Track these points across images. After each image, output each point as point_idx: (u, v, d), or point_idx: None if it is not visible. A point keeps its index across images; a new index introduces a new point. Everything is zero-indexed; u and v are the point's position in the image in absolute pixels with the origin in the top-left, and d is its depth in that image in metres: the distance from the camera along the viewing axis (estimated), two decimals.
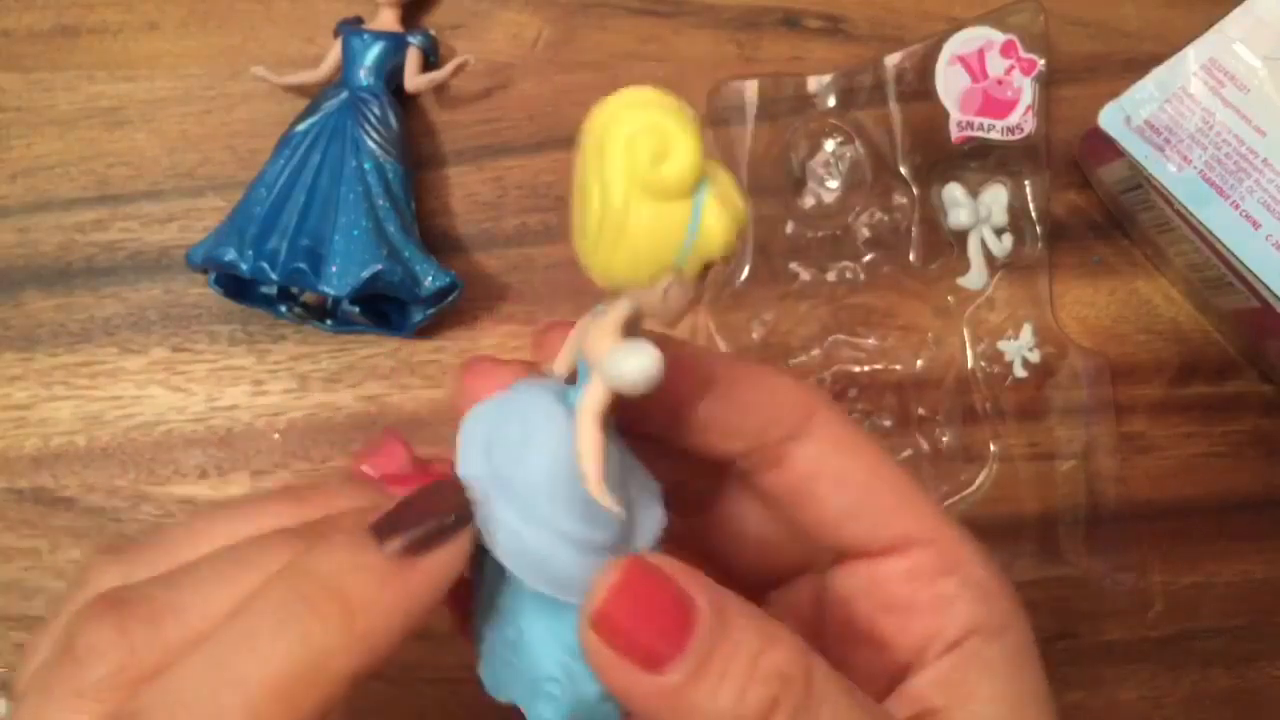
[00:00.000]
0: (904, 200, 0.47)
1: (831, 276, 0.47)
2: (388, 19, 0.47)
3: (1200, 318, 0.48)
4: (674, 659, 0.23)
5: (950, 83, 0.45)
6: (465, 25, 0.49)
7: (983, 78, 0.45)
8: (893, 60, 0.47)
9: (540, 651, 0.26)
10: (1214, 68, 0.43)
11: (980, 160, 0.47)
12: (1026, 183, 0.47)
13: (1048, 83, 0.47)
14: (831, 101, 0.48)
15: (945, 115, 0.46)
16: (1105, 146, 0.44)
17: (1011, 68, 0.45)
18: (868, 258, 0.47)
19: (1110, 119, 0.44)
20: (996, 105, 0.45)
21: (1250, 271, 0.41)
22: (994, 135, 0.46)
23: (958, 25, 0.46)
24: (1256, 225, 0.41)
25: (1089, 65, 0.50)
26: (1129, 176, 0.45)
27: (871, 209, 0.47)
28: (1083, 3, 0.50)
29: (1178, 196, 0.43)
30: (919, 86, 0.47)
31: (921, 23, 0.50)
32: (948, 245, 0.47)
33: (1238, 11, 0.43)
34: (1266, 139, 0.42)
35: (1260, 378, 0.48)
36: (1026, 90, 0.45)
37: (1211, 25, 0.44)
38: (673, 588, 0.23)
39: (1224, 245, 0.42)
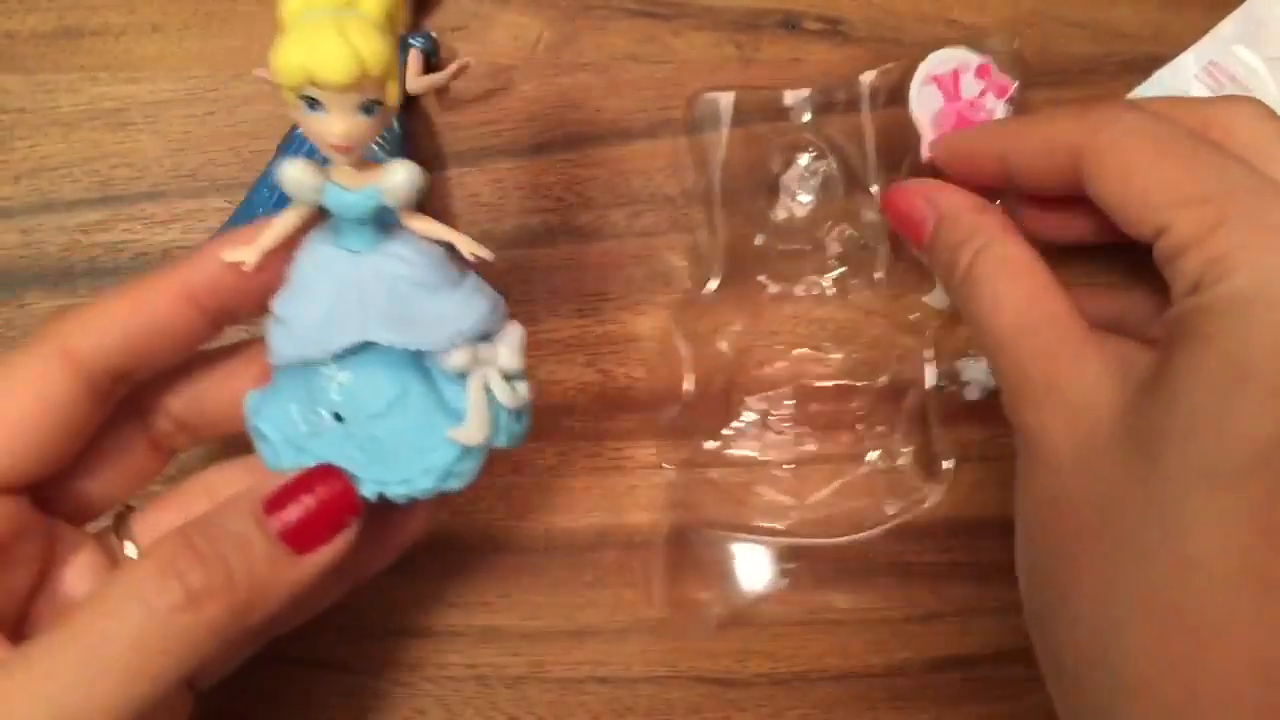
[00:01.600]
0: (875, 217, 0.46)
1: (800, 290, 0.46)
2: None
3: None
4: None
5: (925, 102, 0.44)
6: (466, 27, 0.48)
7: (957, 99, 0.44)
8: (868, 78, 0.46)
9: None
10: (1215, 70, 0.42)
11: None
12: (997, 203, 0.46)
13: (1047, 84, 0.47)
14: (807, 116, 0.46)
15: (918, 135, 0.44)
16: None
17: (985, 90, 0.44)
18: (836, 273, 0.46)
19: None
20: (969, 127, 0.44)
21: None
22: None
23: (960, 29, 0.45)
24: None
25: (1086, 67, 0.48)
26: None
27: (842, 225, 0.46)
28: (1079, 4, 0.49)
29: None
30: (894, 105, 0.45)
31: (920, 25, 0.48)
32: (916, 263, 0.46)
33: (1237, 13, 0.42)
34: None
35: None
36: (999, 113, 0.44)
37: (1209, 27, 0.43)
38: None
39: None
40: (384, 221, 0.31)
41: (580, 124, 0.48)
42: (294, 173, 0.30)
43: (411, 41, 0.46)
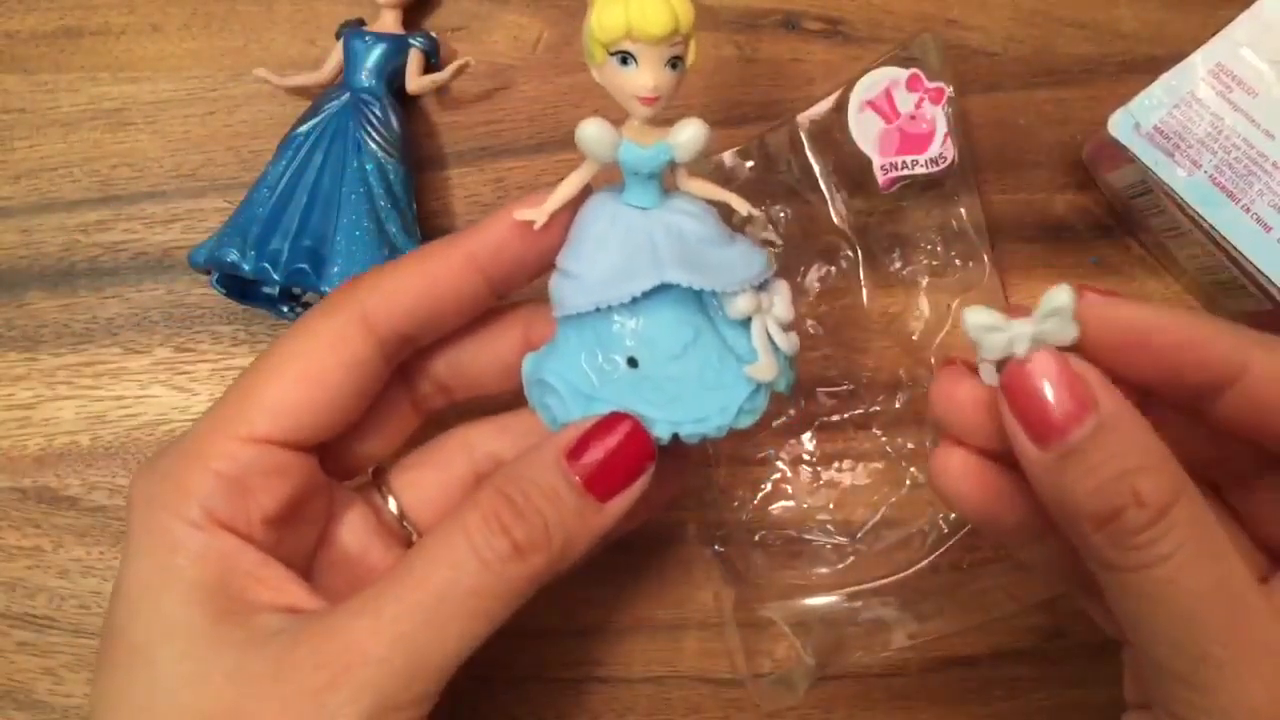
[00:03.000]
0: (848, 250, 0.45)
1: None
2: (389, 21, 0.45)
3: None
4: (1053, 443, 0.25)
5: (865, 129, 0.43)
6: (466, 27, 0.47)
7: (895, 117, 0.43)
8: (805, 118, 0.44)
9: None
10: (1221, 72, 0.41)
11: (912, 196, 0.45)
12: (962, 209, 0.45)
13: (1047, 84, 0.45)
14: (749, 169, 0.45)
15: (868, 162, 0.43)
16: (1114, 152, 0.42)
17: (921, 100, 0.43)
18: (822, 313, 0.45)
19: (1119, 125, 0.41)
20: (914, 141, 0.43)
21: (1262, 274, 0.39)
22: (919, 171, 0.43)
23: (958, 29, 0.44)
24: (1267, 228, 0.39)
25: (1086, 67, 0.47)
26: (1138, 182, 0.42)
27: (817, 263, 0.45)
28: (1079, 5, 0.48)
29: (1188, 201, 0.40)
30: (836, 138, 0.44)
31: (920, 25, 0.47)
32: (899, 283, 0.45)
33: (1244, 16, 0.41)
34: (1276, 142, 0.39)
35: None
36: (940, 119, 0.42)
37: (1209, 27, 0.42)
38: (1080, 385, 0.25)
39: (1235, 248, 0.39)
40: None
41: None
42: (592, 130, 0.30)
43: (411, 41, 0.44)
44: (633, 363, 0.32)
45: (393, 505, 0.36)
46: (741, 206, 0.33)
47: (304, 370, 0.32)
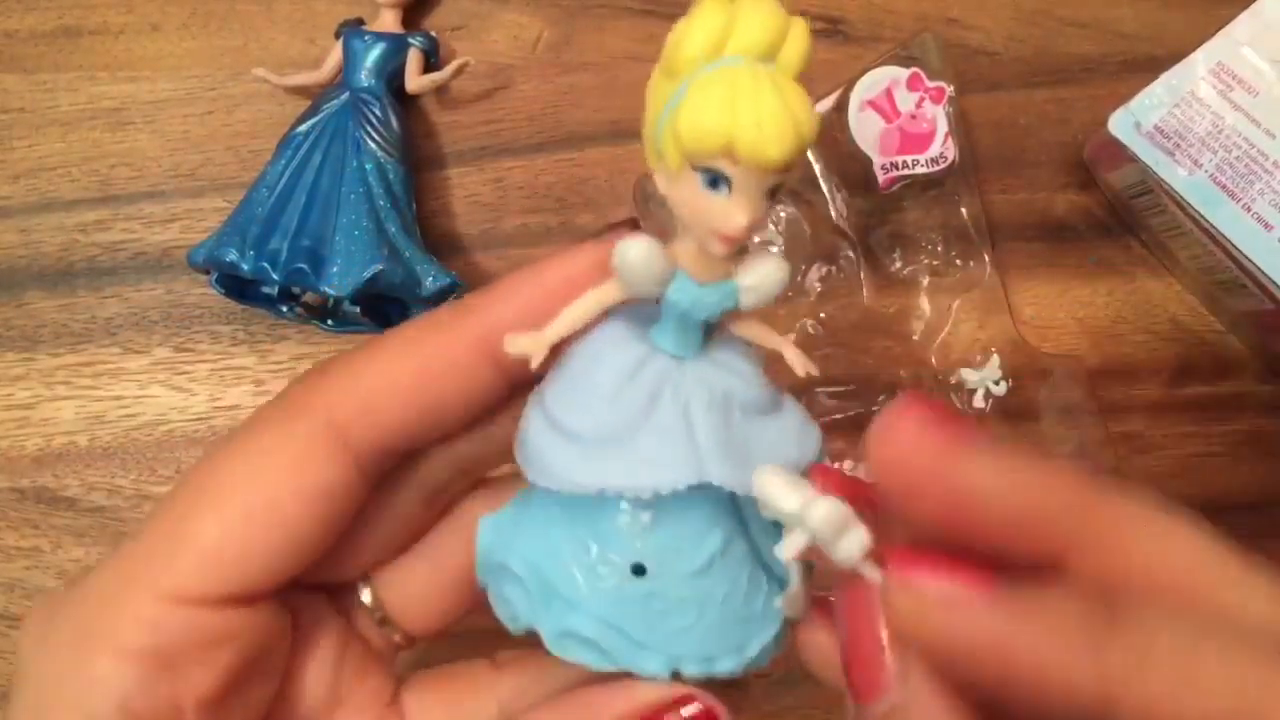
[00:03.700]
0: (849, 250, 0.45)
1: (792, 338, 0.45)
2: (389, 20, 0.45)
3: (1197, 318, 0.46)
4: (857, 703, 0.21)
5: (865, 129, 0.43)
6: (466, 26, 0.47)
7: (896, 116, 0.43)
8: None
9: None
10: (1222, 72, 0.41)
11: (913, 196, 0.45)
12: (963, 209, 0.45)
13: (1047, 84, 0.45)
14: None
15: (868, 162, 0.43)
16: (1115, 151, 0.42)
17: (921, 99, 0.43)
18: (823, 314, 0.45)
19: (1120, 124, 0.41)
20: (915, 140, 0.43)
21: (1262, 273, 0.39)
22: (919, 170, 0.43)
23: (958, 28, 0.44)
24: (1268, 227, 0.39)
25: (1086, 67, 0.47)
26: (1139, 181, 0.42)
27: (817, 263, 0.45)
28: (1080, 4, 0.47)
29: (1188, 200, 0.40)
30: (836, 138, 0.44)
31: (918, 24, 0.47)
32: (900, 283, 0.45)
33: (1245, 16, 0.41)
34: (1276, 141, 0.39)
35: (1258, 378, 0.45)
36: (940, 118, 0.42)
37: (1209, 26, 0.42)
38: (881, 655, 0.21)
39: (1235, 247, 0.39)
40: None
41: (580, 124, 0.46)
42: (642, 255, 0.22)
43: (411, 41, 0.44)
44: (639, 570, 0.23)
45: (366, 597, 0.28)
46: (799, 365, 0.25)
47: (251, 504, 0.23)
